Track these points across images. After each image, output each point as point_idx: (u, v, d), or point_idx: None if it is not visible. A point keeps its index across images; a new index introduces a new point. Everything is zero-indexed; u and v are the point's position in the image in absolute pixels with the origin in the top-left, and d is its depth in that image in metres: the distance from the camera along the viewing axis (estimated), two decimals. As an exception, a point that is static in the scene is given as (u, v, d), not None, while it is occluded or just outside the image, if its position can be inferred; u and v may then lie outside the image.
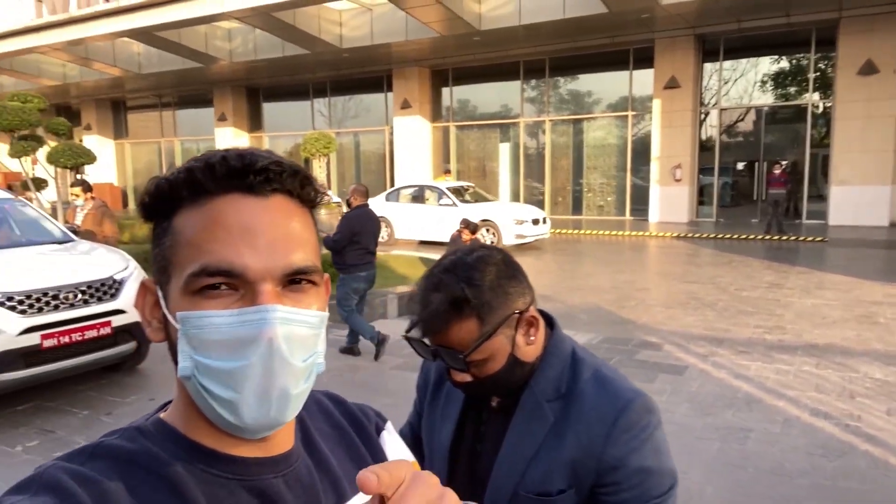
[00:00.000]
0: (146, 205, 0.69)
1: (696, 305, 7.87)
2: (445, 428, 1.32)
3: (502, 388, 1.21)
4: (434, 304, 1.13)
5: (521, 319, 1.18)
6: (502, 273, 1.17)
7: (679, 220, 16.34)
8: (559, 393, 1.21)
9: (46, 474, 0.61)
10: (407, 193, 14.69)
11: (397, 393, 5.21)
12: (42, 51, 19.06)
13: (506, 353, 1.17)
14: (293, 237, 0.66)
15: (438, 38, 16.09)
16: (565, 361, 1.24)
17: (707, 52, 16.53)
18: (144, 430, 0.69)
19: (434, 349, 1.17)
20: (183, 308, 0.64)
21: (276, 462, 0.70)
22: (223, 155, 0.66)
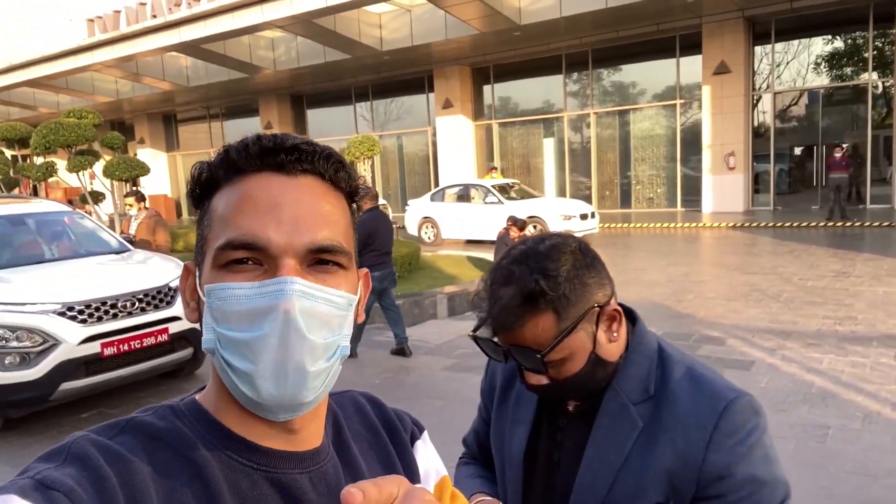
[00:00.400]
0: (193, 191, 0.71)
1: (758, 297, 7.53)
2: (517, 435, 1.20)
3: (582, 391, 1.09)
4: (505, 299, 1.02)
5: (602, 314, 1.06)
6: (579, 262, 1.05)
7: (734, 210, 15.77)
8: (647, 394, 1.08)
9: (75, 445, 0.61)
10: (452, 193, 14.60)
11: (448, 395, 5.12)
12: (95, 69, 19.72)
13: (586, 351, 1.05)
14: (320, 216, 0.66)
15: (478, 35, 15.96)
16: (652, 359, 1.11)
17: (757, 34, 15.92)
18: (177, 410, 0.69)
19: (506, 349, 1.06)
20: (211, 281, 0.65)
21: (303, 458, 0.70)
22: (258, 135, 0.68)
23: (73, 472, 0.58)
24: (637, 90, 18.00)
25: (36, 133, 11.24)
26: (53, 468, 0.58)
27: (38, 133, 11.15)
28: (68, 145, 11.35)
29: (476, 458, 1.42)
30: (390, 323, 6.37)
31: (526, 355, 1.03)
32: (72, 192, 19.29)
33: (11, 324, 4.44)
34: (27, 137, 12.98)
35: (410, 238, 13.68)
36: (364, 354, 6.33)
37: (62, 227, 6.25)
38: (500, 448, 1.24)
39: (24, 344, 4.44)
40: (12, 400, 4.52)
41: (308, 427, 0.71)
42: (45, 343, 4.47)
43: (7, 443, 4.62)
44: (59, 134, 11.02)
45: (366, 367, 5.96)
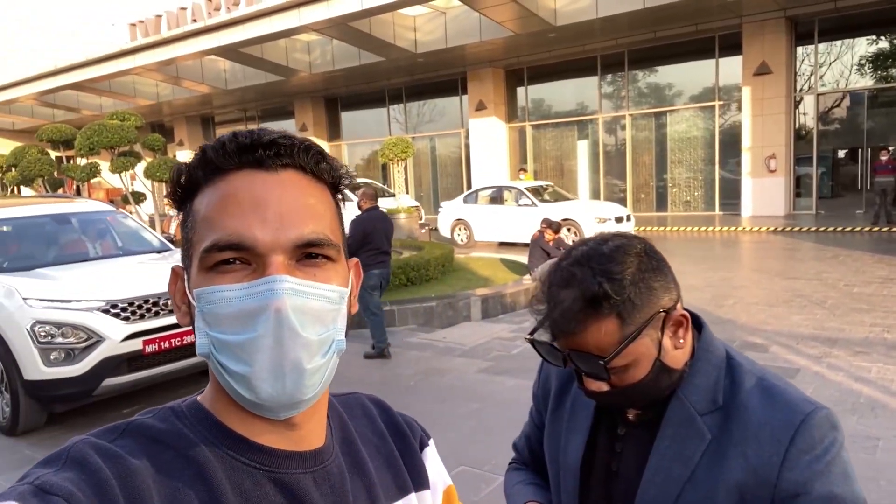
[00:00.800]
0: (174, 193, 0.69)
1: (802, 303, 7.33)
2: (573, 443, 1.16)
3: (644, 399, 1.04)
4: (566, 303, 0.98)
5: (668, 319, 1.01)
6: (644, 265, 1.00)
7: (775, 214, 15.40)
8: (716, 405, 1.03)
9: (74, 449, 0.61)
10: (485, 195, 14.56)
11: (484, 397, 5.08)
12: (137, 72, 20.20)
13: (651, 358, 1.00)
14: (304, 210, 0.65)
15: (513, 36, 15.91)
16: (719, 368, 1.06)
17: (800, 34, 15.54)
18: (178, 411, 0.69)
19: (565, 354, 1.02)
20: (199, 285, 0.64)
21: (306, 458, 0.69)
22: (234, 133, 0.67)
23: (73, 477, 0.58)
24: (673, 91, 17.73)
25: (80, 135, 11.55)
26: (52, 473, 0.58)
27: (82, 135, 11.46)
28: (111, 147, 11.64)
29: (527, 463, 1.38)
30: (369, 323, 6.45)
31: (587, 361, 0.99)
32: (113, 193, 19.78)
33: (57, 320, 4.55)
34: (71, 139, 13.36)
35: (443, 240, 13.67)
36: (398, 356, 6.33)
37: (105, 227, 6.39)
38: (554, 456, 1.21)
39: (70, 340, 4.54)
40: (57, 395, 4.63)
41: (309, 423, 0.70)
42: (89, 339, 4.57)
43: (51, 437, 4.74)
44: (103, 136, 11.31)
45: (399, 368, 5.96)
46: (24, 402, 4.64)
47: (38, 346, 4.50)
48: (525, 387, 5.28)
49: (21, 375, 4.55)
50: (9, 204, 6.43)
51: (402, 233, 13.28)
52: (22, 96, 23.94)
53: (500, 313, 7.94)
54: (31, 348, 4.50)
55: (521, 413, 4.82)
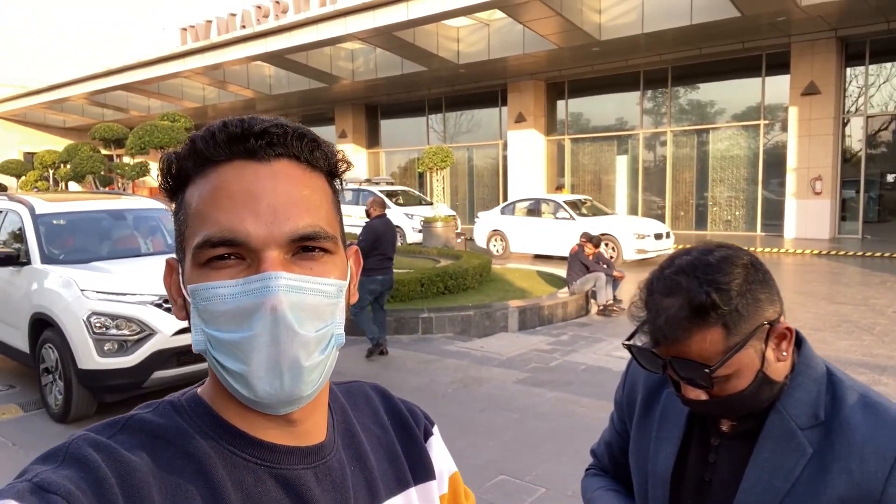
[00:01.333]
0: (165, 184, 0.67)
1: (849, 329, 7.16)
2: (663, 452, 1.17)
3: (743, 410, 1.05)
4: (672, 311, 1.00)
5: (773, 331, 1.03)
6: (751, 276, 1.02)
7: (819, 237, 15.06)
8: (817, 420, 1.04)
9: (73, 446, 0.60)
10: (522, 206, 14.55)
11: (524, 409, 5.07)
12: (185, 75, 20.75)
13: (754, 369, 1.01)
14: (299, 202, 0.63)
15: (555, 50, 15.92)
16: (820, 382, 1.07)
17: (850, 55, 15.23)
18: (178, 406, 0.67)
19: (666, 360, 1.03)
20: (193, 281, 0.62)
21: (307, 453, 0.68)
22: (224, 121, 0.64)
23: (71, 474, 0.57)
24: (716, 109, 17.51)
25: (133, 134, 11.92)
26: (51, 470, 0.57)
27: (134, 134, 11.82)
28: (161, 147, 11.97)
29: (606, 470, 1.39)
30: (376, 322, 6.60)
31: (691, 369, 1.01)
32: (156, 192, 20.28)
33: (112, 312, 4.69)
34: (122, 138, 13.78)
35: (479, 250, 13.69)
36: (435, 363, 6.36)
37: (157, 224, 6.57)
38: (641, 465, 1.22)
39: (123, 332, 4.68)
40: (109, 385, 4.77)
41: (310, 419, 0.69)
42: (141, 332, 4.70)
43: (101, 425, 4.88)
44: (154, 136, 11.65)
45: (437, 375, 5.99)
46: (77, 391, 4.79)
47: (94, 337, 4.64)
48: (565, 400, 5.26)
49: (75, 364, 4.70)
50: (67, 198, 6.66)
51: (438, 241, 13.35)
52: (74, 95, 24.75)
53: (537, 325, 7.91)
54: (87, 338, 4.65)
55: (561, 425, 4.81)
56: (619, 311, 8.56)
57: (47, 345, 5.00)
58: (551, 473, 3.92)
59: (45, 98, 25.80)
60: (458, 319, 7.67)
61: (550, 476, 3.89)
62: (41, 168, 17.52)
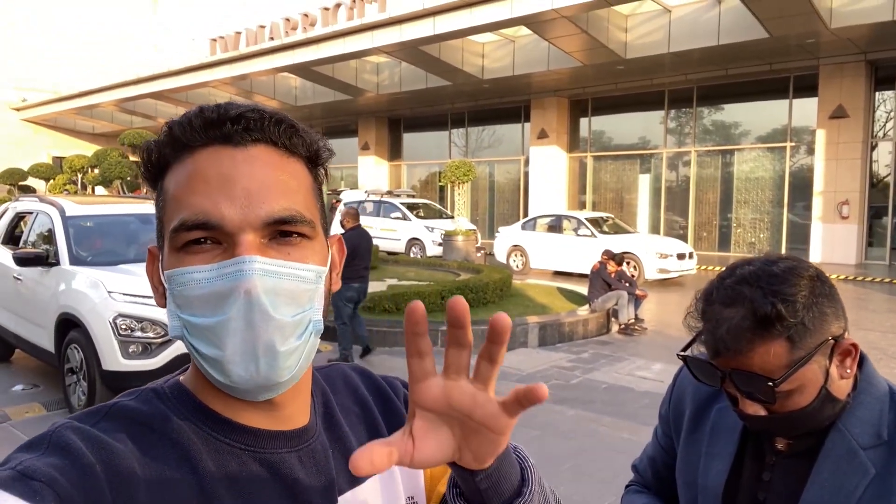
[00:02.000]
0: (145, 171, 0.67)
1: (877, 356, 7.00)
2: (714, 468, 1.14)
3: (802, 428, 1.02)
4: (735, 321, 0.97)
5: (837, 347, 0.99)
6: (818, 289, 0.99)
7: (845, 262, 14.81)
8: (880, 439, 1.00)
9: (56, 434, 0.60)
10: (543, 223, 14.50)
11: (544, 426, 5.01)
12: (213, 85, 21.07)
13: (817, 385, 0.98)
14: (275, 186, 0.63)
15: (580, 67, 15.93)
16: (883, 401, 1.03)
17: (879, 79, 15.06)
18: (161, 393, 0.67)
19: (726, 373, 1.00)
20: (169, 266, 0.62)
21: (290, 437, 0.68)
22: (201, 107, 0.65)
23: (56, 461, 0.57)
24: (741, 130, 17.37)
25: (160, 141, 12.09)
26: (35, 458, 0.57)
27: (162, 141, 11.99)
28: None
29: (649, 486, 1.36)
30: (355, 328, 6.82)
31: (754, 382, 0.97)
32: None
33: (138, 315, 4.73)
34: (150, 145, 14.00)
35: (498, 265, 13.65)
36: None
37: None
38: (690, 481, 1.18)
39: (148, 335, 4.72)
40: (132, 386, 4.78)
41: (292, 404, 0.68)
42: (166, 336, 4.73)
43: (122, 427, 4.90)
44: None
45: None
46: (101, 392, 4.82)
47: (119, 339, 4.69)
48: (586, 418, 5.19)
49: (100, 365, 4.74)
50: (96, 201, 6.76)
51: (458, 255, 13.34)
52: (104, 102, 25.22)
53: (557, 342, 7.85)
54: (112, 340, 4.69)
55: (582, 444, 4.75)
56: (640, 331, 8.46)
57: (73, 345, 5.05)
58: (573, 494, 3.86)
59: (76, 104, 26.33)
60: (478, 333, 7.51)
61: (572, 497, 3.83)
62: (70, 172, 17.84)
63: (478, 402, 0.53)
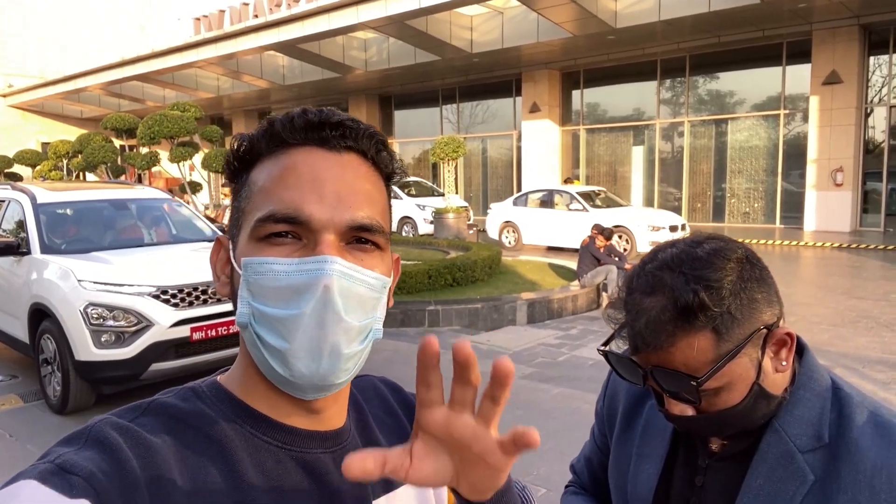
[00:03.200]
0: (231, 163, 0.69)
1: (868, 324, 6.93)
2: (645, 472, 1.04)
3: (735, 428, 0.91)
4: (654, 312, 0.85)
5: (770, 337, 0.88)
6: (747, 273, 0.87)
7: (840, 229, 14.71)
8: (820, 441, 0.89)
9: (95, 428, 0.61)
10: (535, 198, 14.36)
11: (528, 405, 4.94)
12: (199, 65, 20.74)
13: (748, 381, 0.87)
14: (361, 194, 0.66)
15: (570, 38, 15.65)
16: (824, 398, 0.92)
17: (873, 43, 14.80)
18: (198, 391, 0.69)
19: (647, 370, 0.89)
20: (247, 254, 0.64)
21: (326, 438, 0.69)
22: (304, 109, 0.68)
23: (93, 456, 0.58)
24: (735, 99, 17.14)
25: (142, 124, 11.89)
26: (73, 452, 0.58)
27: (144, 124, 11.79)
28: (171, 136, 11.94)
29: (586, 488, 1.26)
30: None
31: (675, 380, 0.86)
32: (172, 182, 20.35)
33: (109, 303, 4.62)
34: (134, 128, 13.78)
35: (491, 241, 13.55)
36: (442, 356, 6.23)
37: (161, 214, 6.51)
38: (621, 485, 1.08)
39: (120, 323, 4.61)
40: (106, 376, 4.71)
41: (332, 407, 0.70)
42: (139, 324, 4.63)
43: (100, 417, 4.83)
44: (164, 125, 11.60)
45: (442, 370, 5.87)
46: (75, 382, 4.74)
47: (90, 328, 4.58)
48: (571, 396, 5.12)
49: (73, 355, 4.65)
50: (70, 188, 6.62)
51: (449, 233, 13.22)
52: (90, 86, 24.88)
53: (546, 318, 7.77)
54: (84, 330, 4.59)
55: (565, 423, 4.67)
56: (630, 305, 8.38)
57: (46, 335, 4.95)
58: (553, 474, 3.80)
59: (62, 88, 25.98)
60: (466, 312, 7.55)
61: (552, 476, 3.76)
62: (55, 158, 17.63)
63: (477, 435, 0.54)
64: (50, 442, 0.60)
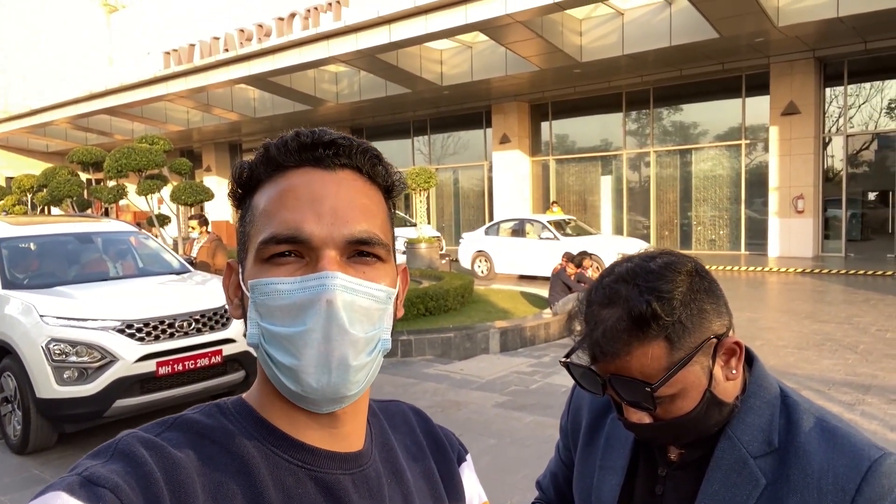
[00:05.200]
0: (235, 190, 0.72)
1: (833, 347, 7.08)
2: (607, 483, 1.06)
3: (690, 435, 0.95)
4: (610, 322, 0.89)
5: (720, 346, 0.92)
6: (696, 285, 0.92)
7: (802, 255, 15.09)
8: (770, 447, 0.93)
9: (123, 442, 0.62)
10: (507, 227, 14.49)
11: (501, 434, 4.93)
12: (169, 99, 20.66)
13: (701, 388, 0.91)
14: (358, 208, 0.67)
15: (538, 72, 16.00)
16: (774, 405, 0.96)
17: (828, 75, 15.42)
18: (224, 408, 0.70)
19: (605, 379, 0.93)
20: (253, 276, 0.66)
21: (346, 459, 0.70)
22: (297, 131, 0.70)
23: (120, 469, 0.59)
24: (699, 130, 17.63)
25: (109, 157, 11.75)
26: (100, 465, 0.59)
27: (111, 157, 11.65)
28: (139, 169, 11.81)
29: (552, 503, 1.28)
30: None
31: (631, 387, 0.90)
32: (141, 216, 20.06)
33: (72, 339, 4.52)
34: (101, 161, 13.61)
35: (463, 271, 13.58)
36: (414, 387, 6.20)
37: (127, 247, 6.42)
38: (585, 497, 1.10)
39: (83, 359, 4.50)
40: (69, 414, 4.58)
41: (351, 422, 0.71)
42: (103, 359, 4.53)
43: (61, 457, 4.68)
44: (131, 158, 11.48)
45: (414, 399, 5.83)
46: (36, 421, 4.60)
47: (52, 364, 4.47)
48: (544, 423, 5.12)
49: (34, 393, 4.52)
50: (34, 222, 6.50)
51: (422, 263, 13.23)
52: (57, 119, 24.57)
53: (518, 346, 7.79)
54: (45, 366, 4.47)
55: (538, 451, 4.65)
56: (602, 332, 8.45)
57: (6, 373, 4.81)
58: (525, 502, 3.77)
59: (28, 122, 25.60)
60: (439, 342, 7.53)
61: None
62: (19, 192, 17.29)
63: None
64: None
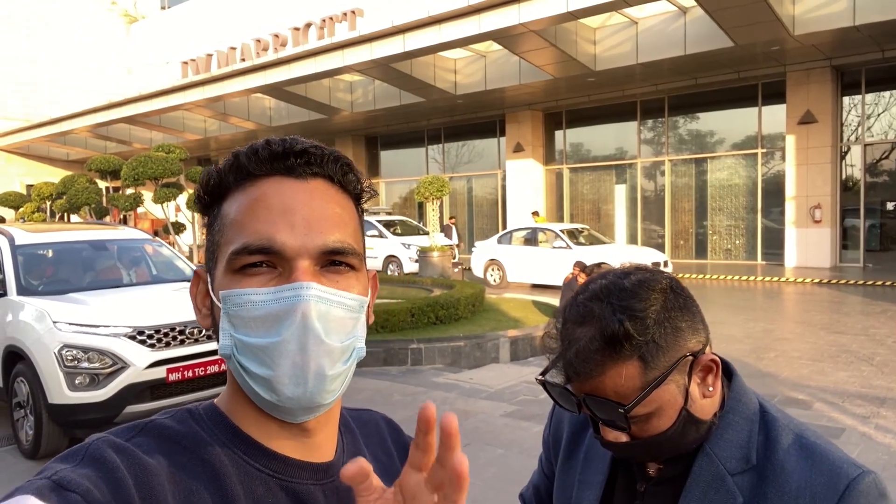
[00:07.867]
0: (201, 197, 0.70)
1: (848, 359, 6.97)
2: (586, 499, 1.05)
3: (667, 453, 0.94)
4: (583, 342, 0.88)
5: (696, 363, 0.91)
6: (671, 303, 0.90)
7: (820, 265, 14.89)
8: (748, 464, 0.92)
9: (93, 446, 0.61)
10: (519, 236, 14.47)
11: (509, 444, 4.90)
12: (187, 108, 20.93)
13: (677, 407, 0.90)
14: (331, 218, 0.67)
15: (552, 80, 16.00)
16: (752, 422, 0.95)
17: (846, 84, 15.26)
18: (195, 414, 0.69)
19: (580, 398, 0.92)
20: (225, 287, 0.65)
21: (317, 470, 0.70)
22: (267, 140, 0.69)
23: (90, 473, 0.58)
24: (715, 138, 17.52)
25: (126, 165, 11.93)
26: (70, 469, 0.58)
27: (128, 165, 11.83)
28: (155, 178, 11.97)
29: None
30: None
31: (605, 408, 0.89)
32: (158, 224, 20.31)
33: (84, 345, 4.58)
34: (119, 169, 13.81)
35: (476, 280, 13.57)
36: (423, 395, 6.19)
37: (141, 254, 6.49)
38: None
39: (95, 365, 4.56)
40: (80, 419, 4.63)
41: (323, 431, 0.71)
42: (114, 365, 4.58)
43: (72, 461, 4.72)
44: (148, 167, 11.64)
45: (424, 408, 5.82)
46: (48, 426, 4.65)
47: (64, 370, 4.52)
48: (551, 434, 5.09)
49: (46, 399, 4.57)
50: (50, 229, 6.60)
51: (434, 271, 13.24)
52: (77, 128, 24.97)
53: (529, 356, 7.75)
54: (58, 372, 4.53)
55: (544, 462, 4.53)
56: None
57: (19, 378, 4.88)
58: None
59: (48, 131, 26.04)
60: (449, 350, 7.52)
61: (531, 516, 3.71)
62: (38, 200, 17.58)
63: (418, 498, 0.55)
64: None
